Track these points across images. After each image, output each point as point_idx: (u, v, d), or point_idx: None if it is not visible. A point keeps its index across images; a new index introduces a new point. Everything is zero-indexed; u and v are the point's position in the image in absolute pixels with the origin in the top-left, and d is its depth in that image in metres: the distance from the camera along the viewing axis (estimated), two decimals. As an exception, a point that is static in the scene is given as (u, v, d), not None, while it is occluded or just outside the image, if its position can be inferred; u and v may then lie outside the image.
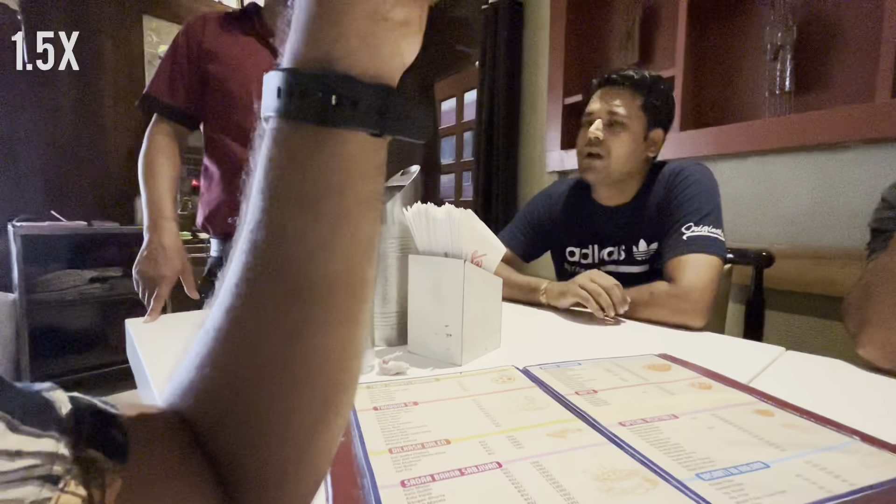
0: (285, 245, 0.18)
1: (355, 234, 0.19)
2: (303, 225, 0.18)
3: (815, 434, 0.38)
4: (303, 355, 0.19)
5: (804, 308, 1.19)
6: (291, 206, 0.18)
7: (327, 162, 0.18)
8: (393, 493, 0.30)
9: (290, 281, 0.18)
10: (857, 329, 0.57)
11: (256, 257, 0.19)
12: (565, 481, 0.31)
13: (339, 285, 0.19)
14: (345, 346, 0.20)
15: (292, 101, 0.17)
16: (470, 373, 0.53)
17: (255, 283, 0.19)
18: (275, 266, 0.18)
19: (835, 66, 1.17)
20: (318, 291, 0.19)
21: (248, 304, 0.19)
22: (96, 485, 0.15)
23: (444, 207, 0.59)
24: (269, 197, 0.18)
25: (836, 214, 1.12)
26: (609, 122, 0.91)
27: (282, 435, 0.20)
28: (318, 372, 0.20)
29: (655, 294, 0.80)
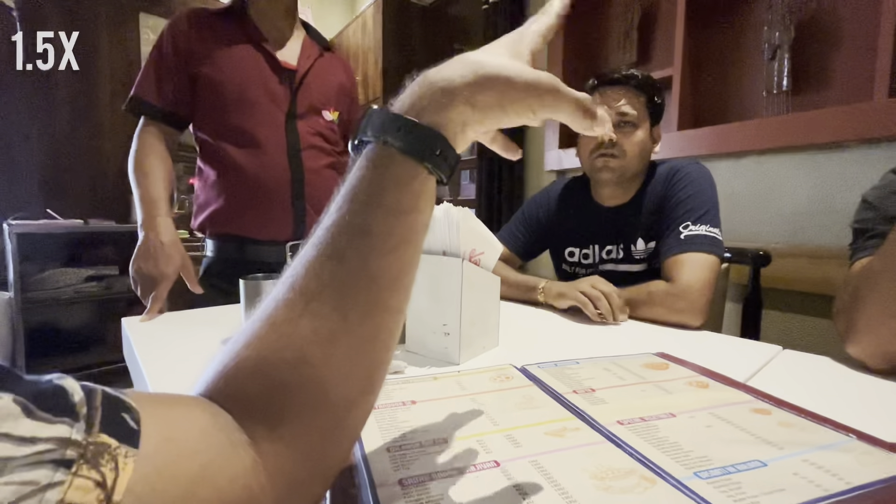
0: (371, 240, 0.24)
1: (417, 244, 0.26)
2: (390, 228, 0.24)
3: (812, 432, 0.38)
4: (367, 332, 0.24)
5: (801, 307, 1.19)
6: (384, 213, 0.24)
7: (417, 188, 0.26)
8: (391, 493, 0.29)
9: (369, 269, 0.24)
10: (846, 330, 0.57)
11: (341, 248, 0.24)
12: (563, 480, 0.31)
13: (401, 279, 0.25)
14: (392, 329, 0.26)
15: (411, 141, 0.25)
16: (468, 372, 0.53)
17: (339, 268, 0.24)
18: (359, 255, 0.24)
19: (832, 66, 1.17)
20: (389, 280, 0.25)
21: (332, 284, 0.23)
22: (109, 469, 0.15)
23: (442, 206, 0.59)
24: (363, 203, 0.25)
25: (834, 214, 1.13)
26: (618, 123, 0.91)
27: (332, 402, 0.23)
28: (370, 348, 0.25)
29: (653, 293, 0.80)
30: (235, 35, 1.00)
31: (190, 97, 0.99)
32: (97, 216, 2.24)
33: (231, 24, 1.00)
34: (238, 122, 0.98)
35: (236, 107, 0.98)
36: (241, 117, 0.98)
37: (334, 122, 1.13)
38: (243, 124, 0.98)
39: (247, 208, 1.00)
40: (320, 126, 1.09)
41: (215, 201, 1.01)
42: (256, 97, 0.99)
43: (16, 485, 0.13)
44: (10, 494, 0.13)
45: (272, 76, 1.01)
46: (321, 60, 1.10)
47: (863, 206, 0.67)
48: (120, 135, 2.39)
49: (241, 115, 0.98)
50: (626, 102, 0.91)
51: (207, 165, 1.03)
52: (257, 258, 1.01)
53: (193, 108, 1.00)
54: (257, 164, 0.99)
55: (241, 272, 0.67)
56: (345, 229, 0.24)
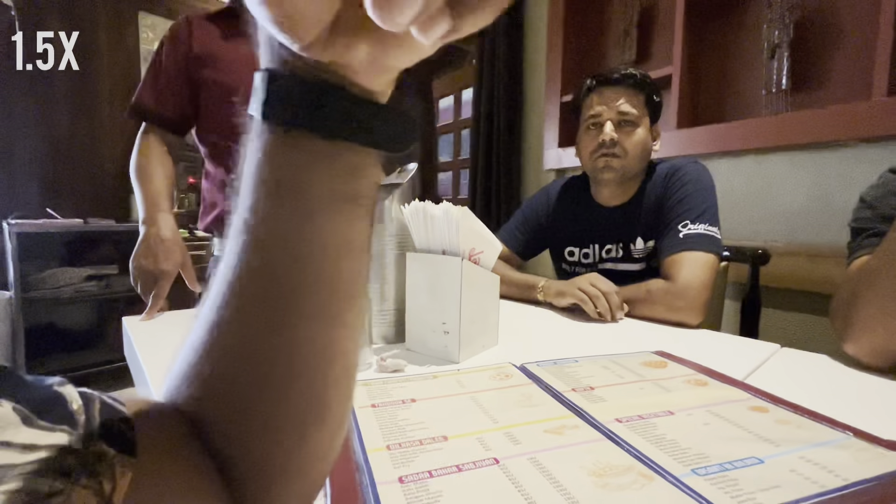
0: (259, 237, 0.19)
1: (319, 234, 0.19)
2: (265, 218, 0.19)
3: (808, 430, 0.38)
4: (286, 348, 0.20)
5: (800, 305, 1.19)
6: (263, 200, 0.19)
7: (286, 160, 0.19)
8: (391, 490, 0.30)
9: (267, 276, 0.19)
10: (843, 329, 0.58)
11: (237, 250, 0.20)
12: (562, 477, 0.31)
13: (317, 283, 0.20)
14: (330, 342, 0.21)
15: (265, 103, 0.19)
16: (467, 370, 0.53)
17: (238, 276, 0.20)
18: (255, 260, 0.19)
19: (831, 65, 1.17)
20: (287, 284, 0.19)
21: (234, 296, 0.20)
22: (107, 478, 0.15)
23: (441, 205, 0.59)
24: (244, 191, 0.20)
25: (833, 212, 1.13)
26: (619, 122, 0.91)
27: (273, 428, 0.20)
28: (303, 366, 0.20)
29: (652, 292, 0.80)
30: (237, 35, 1.00)
31: (191, 103, 0.99)
32: (96, 215, 2.24)
33: (232, 25, 1.00)
34: (244, 121, 0.98)
35: (242, 107, 0.98)
36: (245, 115, 0.98)
37: None
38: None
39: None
40: None
41: (223, 202, 1.02)
42: None
43: (16, 493, 0.13)
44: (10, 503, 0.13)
45: None
46: None
47: (861, 205, 0.67)
48: (119, 134, 2.39)
49: (248, 115, 0.98)
50: (626, 101, 0.90)
51: (215, 166, 1.03)
52: None
53: (198, 111, 1.00)
54: None
55: None
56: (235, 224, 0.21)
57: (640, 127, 0.91)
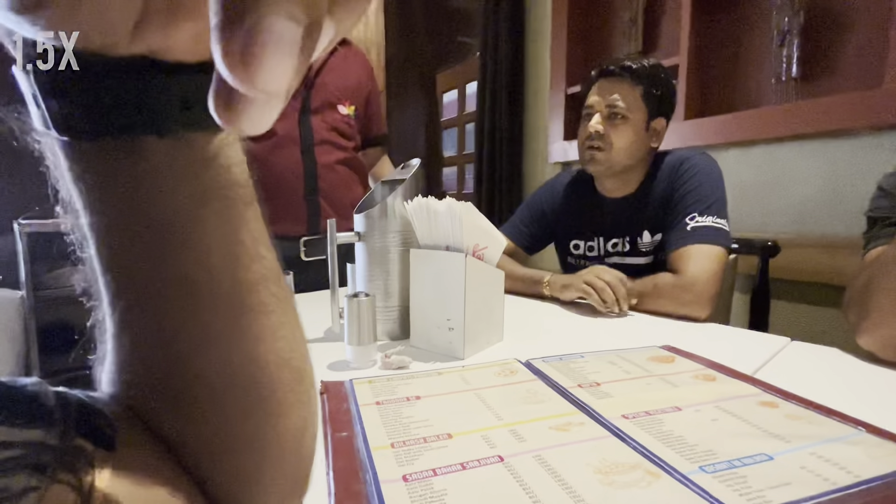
0: (128, 274, 0.17)
1: (198, 249, 0.17)
2: (124, 249, 0.17)
3: (819, 425, 0.38)
4: (196, 370, 0.18)
5: (811, 297, 1.18)
6: (110, 230, 0.17)
7: (123, 174, 0.15)
8: (395, 488, 0.30)
9: (143, 305, 0.17)
10: (857, 320, 0.56)
11: (103, 287, 0.18)
12: (567, 475, 0.31)
13: (202, 295, 0.17)
14: (245, 347, 0.19)
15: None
16: (472, 366, 0.53)
17: (113, 312, 0.18)
18: (121, 293, 0.17)
19: (842, 52, 1.15)
20: (176, 309, 0.17)
21: (120, 333, 0.18)
22: (85, 473, 0.15)
23: (444, 201, 0.59)
24: (82, 224, 0.17)
25: (844, 202, 1.11)
26: (608, 115, 0.90)
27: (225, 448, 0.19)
28: (226, 380, 0.19)
29: (659, 285, 0.79)
30: None
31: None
32: (105, 215, 2.26)
33: None
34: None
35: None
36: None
37: (350, 116, 1.13)
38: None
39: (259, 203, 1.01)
40: (335, 121, 1.09)
41: None
42: None
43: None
44: None
45: None
46: (336, 55, 1.10)
47: (878, 193, 0.65)
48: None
49: None
50: (619, 94, 0.89)
51: None
52: None
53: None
54: (270, 158, 1.00)
55: None
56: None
57: (629, 121, 0.89)
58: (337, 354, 0.58)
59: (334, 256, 0.63)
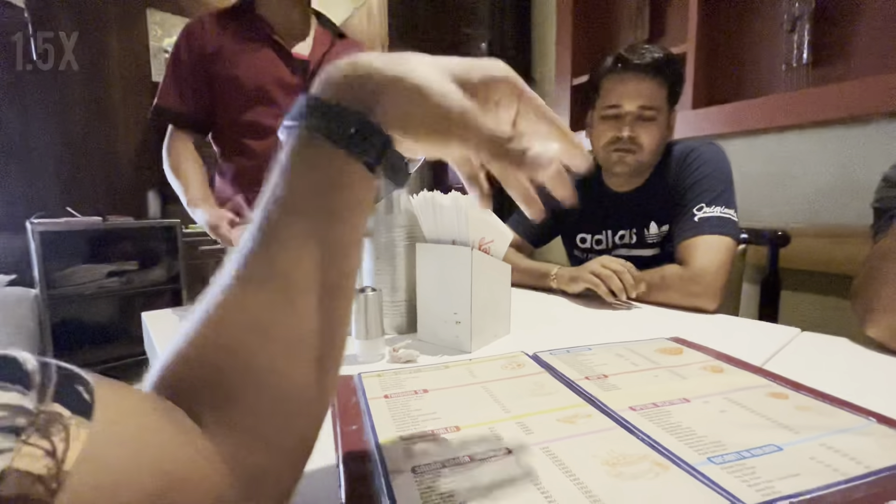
0: (298, 219, 0.25)
1: (352, 224, 0.25)
2: (317, 207, 0.25)
3: (829, 416, 0.37)
4: (307, 315, 0.24)
5: (821, 288, 1.16)
6: (311, 194, 0.25)
7: (334, 174, 0.25)
8: (404, 480, 0.30)
9: (303, 250, 0.24)
10: (863, 311, 0.56)
11: (275, 227, 0.24)
12: (575, 467, 0.31)
13: (327, 261, 0.24)
14: (331, 315, 0.25)
15: (322, 120, 0.25)
16: (479, 359, 0.53)
17: (279, 251, 0.24)
18: (290, 235, 0.24)
19: (855, 36, 1.12)
20: (306, 265, 0.24)
21: (270, 270, 0.24)
22: (60, 438, 0.15)
23: (450, 195, 0.59)
24: (288, 183, 0.26)
25: (857, 191, 1.09)
26: (638, 115, 0.87)
27: (275, 385, 0.23)
28: (314, 330, 0.24)
29: (667, 277, 0.79)
30: (246, 31, 1.01)
31: (210, 100, 1.01)
32: (115, 213, 2.29)
33: (241, 21, 1.02)
34: (254, 116, 1.00)
35: (252, 101, 1.00)
36: (257, 111, 1.00)
37: None
38: (259, 118, 1.01)
39: None
40: None
41: (235, 195, 1.04)
42: (271, 90, 1.01)
43: None
44: None
45: (285, 68, 1.02)
46: (334, 49, 1.10)
47: (884, 184, 0.64)
48: (133, 131, 2.43)
49: (257, 109, 1.00)
50: (648, 95, 0.86)
51: (226, 162, 1.06)
52: None
53: (214, 109, 1.02)
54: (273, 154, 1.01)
55: None
56: (276, 209, 0.25)
57: (658, 120, 0.87)
58: (345, 349, 0.58)
59: (341, 252, 0.63)
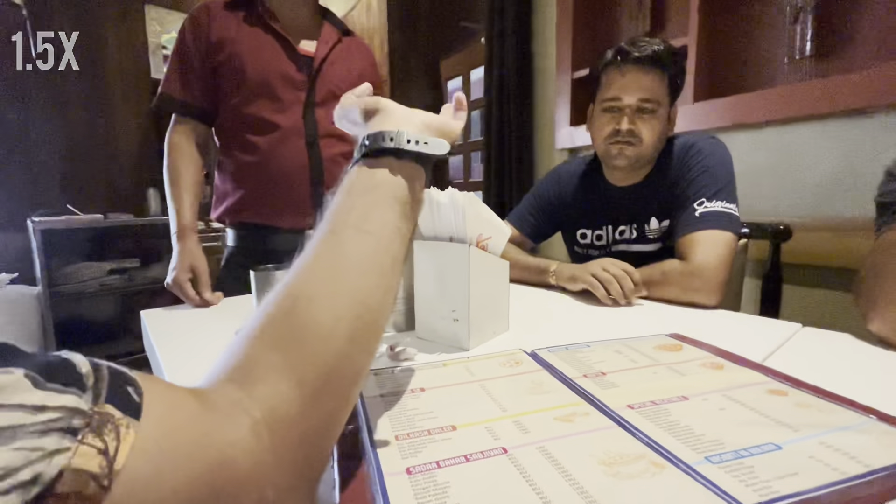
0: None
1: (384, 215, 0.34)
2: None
3: (829, 413, 0.37)
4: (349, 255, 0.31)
5: (824, 282, 1.15)
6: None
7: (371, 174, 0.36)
8: (398, 481, 0.30)
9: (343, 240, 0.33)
10: (866, 307, 0.55)
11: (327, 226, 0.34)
12: (571, 466, 0.31)
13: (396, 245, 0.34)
14: (379, 285, 0.31)
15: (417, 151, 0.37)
16: (477, 357, 0.53)
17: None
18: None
19: (859, 27, 1.10)
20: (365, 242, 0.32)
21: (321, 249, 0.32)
22: (112, 437, 0.17)
23: (447, 191, 0.58)
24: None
25: (860, 184, 1.08)
26: (638, 108, 0.86)
27: (321, 324, 0.26)
28: (352, 275, 0.30)
29: (667, 273, 0.78)
30: (252, 24, 1.00)
31: (215, 89, 0.99)
32: (115, 210, 2.29)
33: (247, 14, 1.00)
34: (256, 110, 0.99)
35: (255, 95, 0.98)
36: (259, 105, 0.99)
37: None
38: (262, 112, 0.99)
39: (265, 196, 1.01)
40: None
41: (235, 191, 1.03)
42: (275, 85, 0.99)
43: (26, 450, 0.14)
44: (20, 459, 0.14)
45: (290, 64, 1.01)
46: (341, 46, 1.09)
47: (886, 178, 0.64)
48: (133, 128, 2.42)
49: (260, 104, 0.99)
50: (648, 87, 0.85)
51: (227, 157, 1.04)
52: (277, 247, 1.02)
53: (218, 100, 1.01)
54: (276, 151, 1.00)
55: (262, 261, 0.69)
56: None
57: (658, 113, 0.86)
58: (343, 347, 0.58)
59: (339, 249, 0.63)
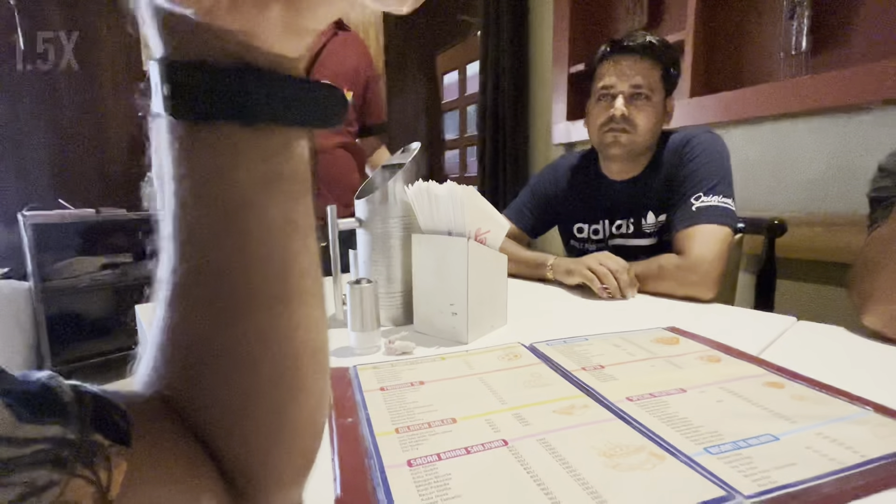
0: (194, 236, 0.18)
1: (259, 221, 0.19)
2: (197, 216, 0.18)
3: (825, 405, 0.37)
4: (244, 337, 0.19)
5: (818, 276, 1.17)
6: (191, 198, 0.18)
7: (207, 153, 0.18)
8: (399, 473, 0.30)
9: (211, 273, 0.19)
10: (860, 300, 0.56)
11: (174, 253, 0.19)
12: (571, 458, 0.31)
13: (266, 269, 0.19)
14: (291, 324, 0.20)
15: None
16: (476, 351, 0.53)
17: (174, 274, 0.19)
18: (195, 259, 0.19)
19: (855, 23, 1.11)
20: (233, 276, 0.19)
21: (181, 298, 0.19)
22: (103, 467, 0.16)
23: (445, 184, 0.58)
24: (167, 190, 0.19)
25: (855, 180, 1.09)
26: (631, 95, 0.87)
27: (249, 414, 0.20)
28: (265, 351, 0.20)
29: (664, 267, 0.78)
30: None
31: None
32: (108, 205, 2.27)
33: None
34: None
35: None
36: None
37: (348, 101, 1.13)
38: None
39: None
40: None
41: None
42: None
43: (16, 486, 0.13)
44: (10, 495, 0.13)
45: None
46: (336, 40, 1.08)
47: (879, 174, 0.64)
48: (124, 122, 2.39)
49: None
50: (641, 74, 0.86)
51: None
52: None
53: None
54: None
55: None
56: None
57: (652, 101, 0.87)
58: (340, 341, 0.58)
59: (335, 243, 0.63)
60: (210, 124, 0.17)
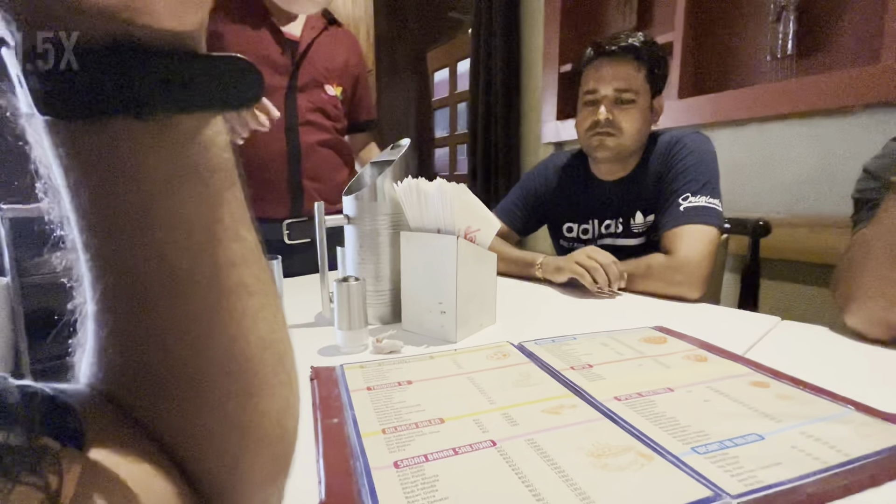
0: (103, 251, 0.16)
1: (175, 223, 0.16)
2: (101, 226, 0.16)
3: (810, 405, 0.38)
4: (171, 348, 0.18)
5: (801, 277, 1.19)
6: (90, 205, 0.16)
7: (100, 154, 0.15)
8: (386, 475, 0.29)
9: (130, 288, 0.17)
10: (843, 301, 0.57)
11: (87, 271, 0.17)
12: (559, 458, 0.31)
13: (194, 277, 0.17)
14: (233, 333, 0.19)
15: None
16: (464, 350, 0.52)
17: (93, 292, 0.17)
18: (110, 277, 0.17)
19: (839, 28, 1.13)
20: (156, 290, 0.17)
21: (99, 311, 0.18)
22: (53, 472, 0.14)
23: (435, 182, 0.58)
24: (62, 198, 0.17)
25: (838, 182, 1.11)
26: (615, 99, 0.87)
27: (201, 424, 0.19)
28: (204, 357, 0.18)
29: (652, 266, 0.79)
30: (239, 6, 0.98)
31: None
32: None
33: (243, 6, 0.98)
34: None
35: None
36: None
37: (337, 97, 1.12)
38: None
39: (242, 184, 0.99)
40: (322, 101, 1.07)
41: None
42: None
43: None
44: None
45: (274, 46, 0.99)
46: (326, 34, 1.07)
47: (864, 176, 0.65)
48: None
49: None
50: (624, 78, 0.86)
51: None
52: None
53: None
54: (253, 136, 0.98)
55: None
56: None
57: (638, 104, 0.87)
58: (327, 339, 0.57)
59: (323, 240, 0.62)
60: (97, 122, 0.15)
